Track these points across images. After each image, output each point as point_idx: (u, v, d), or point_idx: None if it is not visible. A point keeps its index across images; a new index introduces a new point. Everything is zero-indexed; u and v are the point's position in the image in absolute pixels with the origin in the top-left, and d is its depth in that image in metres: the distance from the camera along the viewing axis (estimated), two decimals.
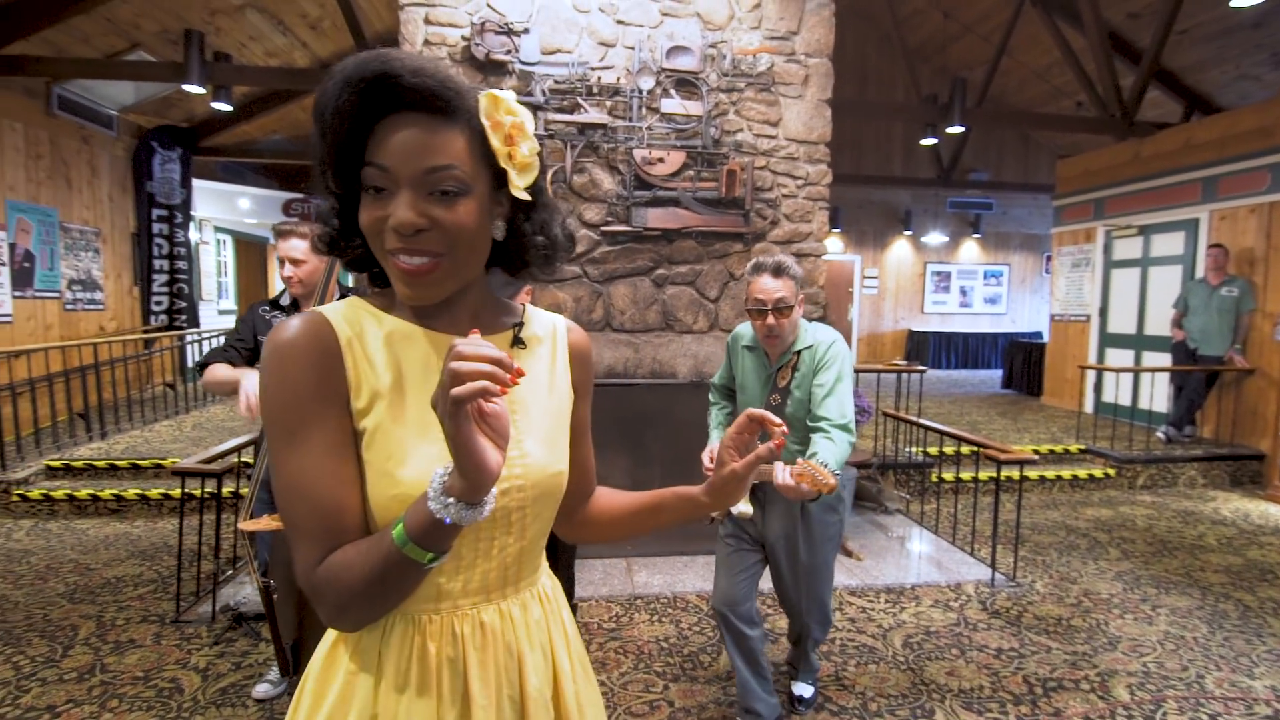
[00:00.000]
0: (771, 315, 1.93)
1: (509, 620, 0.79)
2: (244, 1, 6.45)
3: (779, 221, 3.98)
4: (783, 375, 2.02)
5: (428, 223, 0.67)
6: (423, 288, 0.70)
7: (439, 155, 0.67)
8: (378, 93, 0.65)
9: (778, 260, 1.95)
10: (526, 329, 0.84)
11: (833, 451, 1.81)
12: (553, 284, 3.82)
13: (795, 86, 3.91)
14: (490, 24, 3.59)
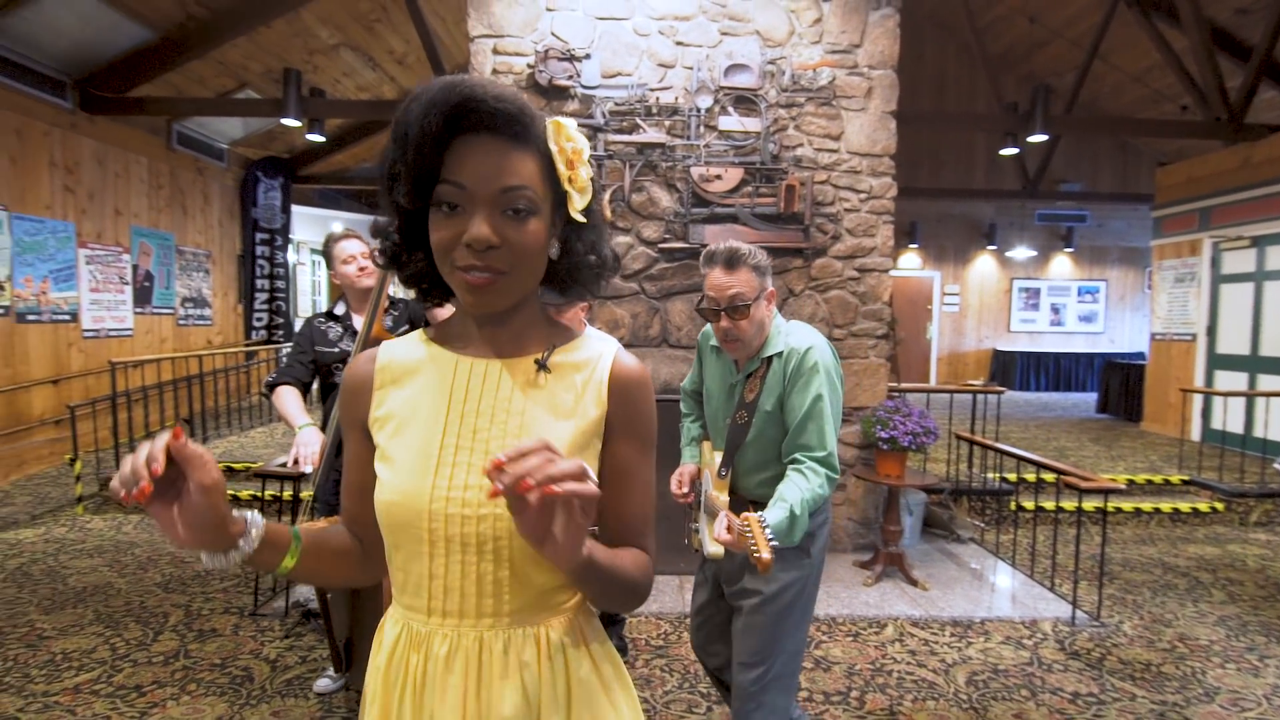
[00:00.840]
0: (725, 316, 1.60)
1: (487, 651, 0.77)
2: (338, 41, 6.98)
3: (840, 236, 3.90)
4: (750, 388, 1.67)
5: (499, 240, 0.71)
6: (486, 298, 0.73)
7: (514, 176, 0.71)
8: (460, 116, 0.69)
9: (730, 248, 1.61)
10: (563, 355, 0.82)
11: (799, 495, 1.50)
12: (611, 300, 3.88)
13: (858, 99, 3.84)
14: (554, 51, 3.72)
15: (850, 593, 3.39)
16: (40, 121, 5.52)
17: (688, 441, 2.02)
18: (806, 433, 1.58)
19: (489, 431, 0.78)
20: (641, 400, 0.83)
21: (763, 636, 1.65)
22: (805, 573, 1.68)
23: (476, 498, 0.75)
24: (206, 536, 0.66)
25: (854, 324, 3.93)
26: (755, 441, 1.68)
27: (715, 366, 1.83)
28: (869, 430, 3.58)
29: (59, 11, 5.02)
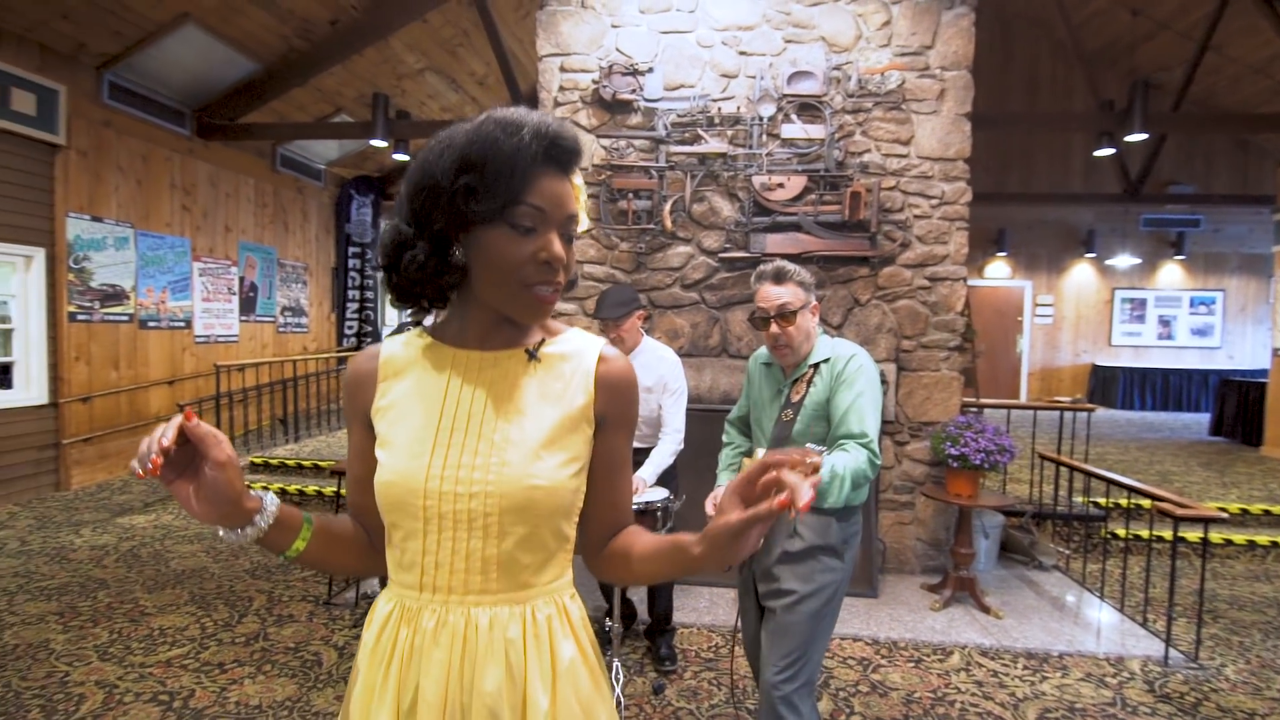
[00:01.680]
0: (775, 323, 1.79)
1: (473, 627, 0.80)
2: (423, 65, 7.38)
3: (910, 244, 3.76)
4: (797, 389, 1.83)
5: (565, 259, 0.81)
6: (546, 310, 0.83)
7: (574, 204, 0.82)
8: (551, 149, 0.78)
9: (778, 265, 1.81)
10: (550, 347, 0.88)
11: (846, 461, 1.64)
12: (670, 310, 3.90)
13: (929, 102, 3.70)
14: (617, 66, 3.80)
15: (915, 616, 3.23)
16: (163, 148, 6.13)
17: (724, 467, 2.08)
18: (849, 422, 1.71)
19: (483, 415, 0.83)
20: (627, 396, 0.90)
21: (798, 637, 1.72)
22: (839, 576, 1.78)
23: (469, 476, 0.79)
24: (223, 510, 0.72)
25: (924, 335, 3.77)
26: (800, 436, 1.80)
27: (764, 381, 1.97)
28: (938, 447, 3.42)
29: (180, 49, 5.57)
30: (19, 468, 5.00)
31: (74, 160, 5.26)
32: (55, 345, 5.23)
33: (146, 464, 0.65)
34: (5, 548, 3.97)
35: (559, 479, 0.81)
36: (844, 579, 1.79)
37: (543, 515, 0.81)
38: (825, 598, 1.75)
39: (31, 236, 5.02)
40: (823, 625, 1.76)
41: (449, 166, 0.77)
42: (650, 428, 2.80)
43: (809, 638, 1.73)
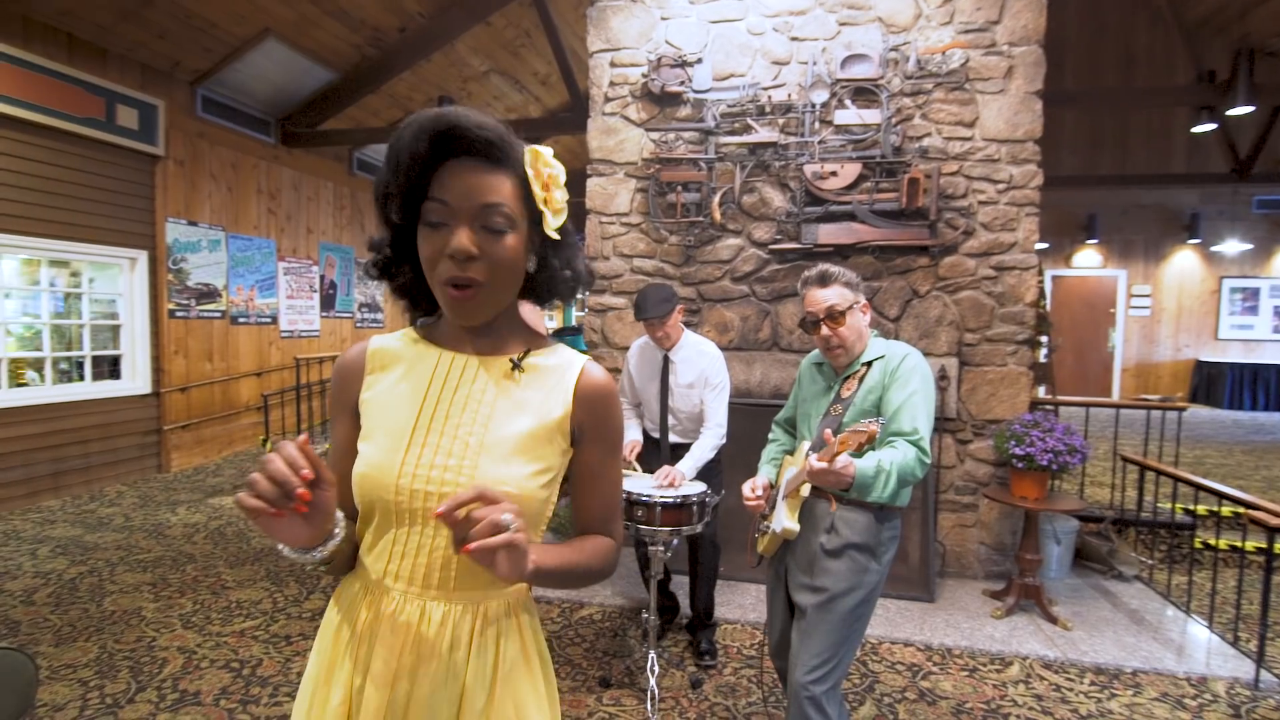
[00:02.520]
0: (824, 324, 1.79)
1: (426, 620, 0.82)
2: (488, 67, 7.58)
3: (974, 232, 3.57)
4: (847, 386, 1.81)
5: (479, 251, 0.79)
6: (467, 311, 0.81)
7: (493, 194, 0.79)
8: (446, 141, 0.78)
9: (822, 269, 1.83)
10: (535, 358, 0.89)
11: (894, 456, 1.62)
12: (720, 303, 3.86)
13: (996, 81, 3.49)
14: (666, 58, 3.78)
15: (973, 623, 3.07)
16: (250, 156, 6.56)
17: (767, 460, 2.07)
18: (900, 420, 1.69)
19: (460, 418, 0.85)
20: (608, 409, 0.90)
21: (830, 637, 1.70)
22: (874, 578, 1.73)
23: (440, 476, 0.82)
24: (317, 531, 0.74)
25: (989, 328, 3.57)
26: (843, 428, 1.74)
27: (813, 380, 1.96)
28: (1002, 446, 3.23)
29: (263, 62, 5.94)
30: (126, 450, 5.49)
31: (172, 169, 5.72)
32: (157, 340, 5.71)
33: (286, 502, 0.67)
34: (111, 523, 4.38)
35: (527, 487, 0.83)
36: (878, 582, 1.75)
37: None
38: (859, 598, 1.71)
39: (135, 240, 5.49)
40: (855, 627, 1.73)
41: (381, 173, 0.82)
42: (692, 423, 2.78)
43: (840, 638, 1.71)
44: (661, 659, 2.68)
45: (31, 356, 4.97)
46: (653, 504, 2.32)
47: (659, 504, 2.31)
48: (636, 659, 2.67)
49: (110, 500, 4.92)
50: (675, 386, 2.75)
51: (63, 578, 3.43)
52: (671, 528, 2.33)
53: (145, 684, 2.47)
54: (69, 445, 5.01)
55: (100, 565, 3.62)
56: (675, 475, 2.47)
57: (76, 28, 4.86)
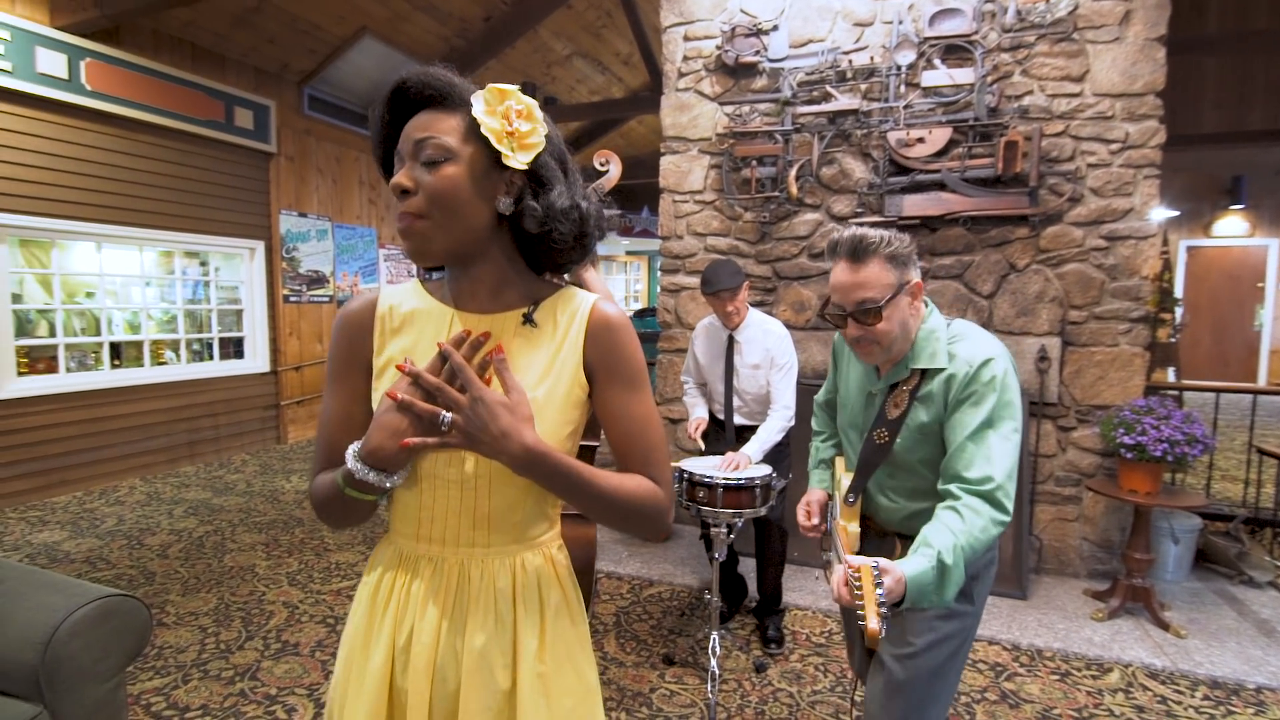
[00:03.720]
0: (853, 323, 1.31)
1: (465, 577, 0.86)
2: (570, 51, 7.64)
3: (1082, 198, 3.24)
4: (894, 401, 1.36)
5: (413, 185, 0.80)
6: (410, 242, 0.82)
7: (426, 130, 0.81)
8: (400, 99, 0.84)
9: (856, 236, 1.30)
10: (545, 310, 0.88)
11: (950, 539, 1.13)
12: (797, 281, 3.73)
13: (1110, 28, 3.13)
14: (741, 28, 3.66)
15: (1070, 624, 2.84)
16: (352, 149, 6.97)
17: (815, 464, 1.75)
18: (968, 458, 1.22)
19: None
20: (620, 343, 0.87)
21: (914, 697, 1.36)
22: (965, 624, 1.37)
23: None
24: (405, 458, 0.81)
25: (1098, 304, 3.25)
26: (901, 465, 1.38)
27: (855, 368, 1.52)
28: (1109, 434, 2.94)
29: (360, 60, 6.27)
30: (249, 423, 6.05)
31: (283, 165, 6.18)
32: (274, 323, 6.23)
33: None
34: (235, 488, 4.85)
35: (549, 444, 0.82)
36: (974, 624, 1.39)
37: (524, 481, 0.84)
38: (950, 650, 1.36)
39: (254, 231, 5.99)
40: (945, 683, 1.39)
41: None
42: (759, 404, 2.72)
43: (926, 697, 1.37)
44: (726, 641, 2.66)
45: (169, 338, 5.56)
46: (714, 485, 2.29)
47: (720, 485, 2.28)
48: (701, 639, 2.67)
49: (235, 468, 5.45)
50: (741, 367, 2.69)
51: (192, 535, 3.84)
52: (733, 510, 2.30)
53: (254, 633, 2.73)
54: (201, 418, 5.58)
55: (224, 525, 4.02)
56: (740, 460, 2.42)
57: (198, 37, 5.31)
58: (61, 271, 4.78)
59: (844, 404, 1.57)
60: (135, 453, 5.07)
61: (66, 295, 4.88)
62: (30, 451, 4.43)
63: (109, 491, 4.70)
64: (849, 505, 1.46)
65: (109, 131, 4.75)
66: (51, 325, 4.75)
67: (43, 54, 4.27)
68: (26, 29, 4.20)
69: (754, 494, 2.31)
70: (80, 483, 4.71)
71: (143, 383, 5.15)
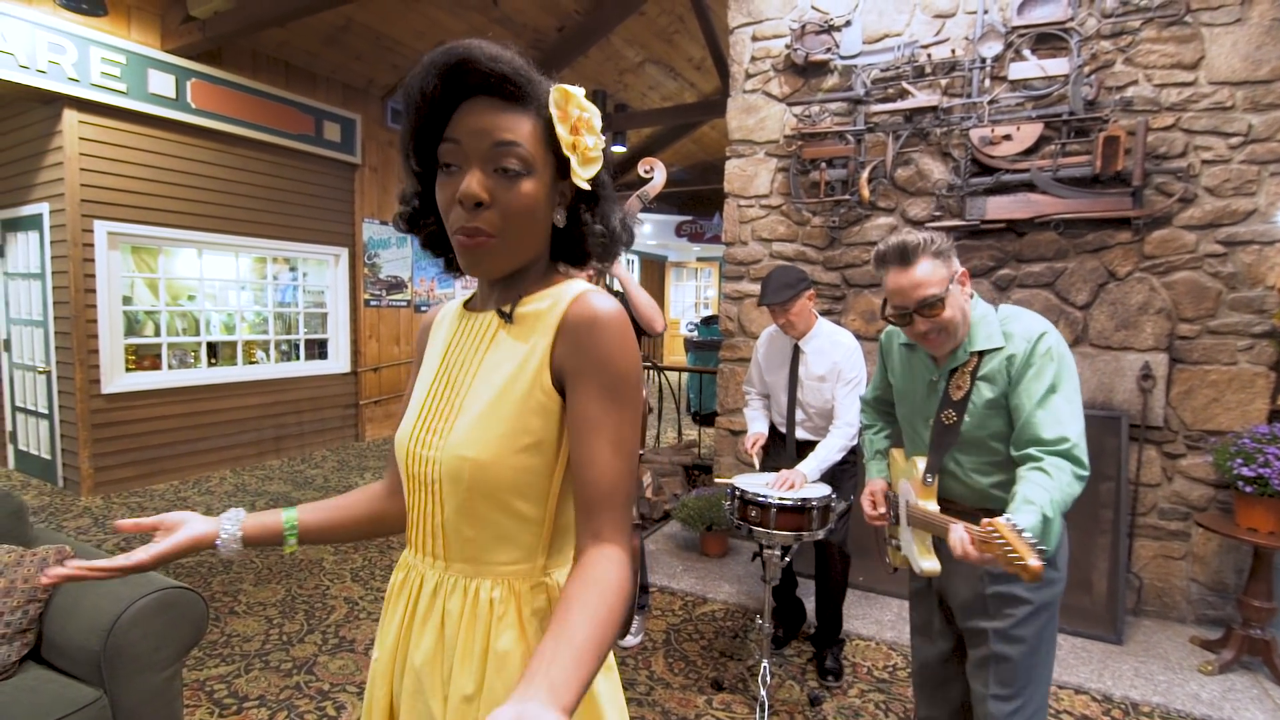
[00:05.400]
0: (918, 319, 1.42)
1: (423, 589, 0.82)
2: (643, 58, 7.64)
3: (1195, 198, 2.91)
4: (957, 383, 1.46)
5: (489, 198, 0.72)
6: (475, 260, 0.75)
7: (506, 132, 0.72)
8: (459, 77, 0.71)
9: (899, 244, 1.41)
10: (532, 304, 0.79)
11: (1045, 495, 1.24)
12: (868, 289, 3.53)
13: (1230, 8, 2.80)
14: (811, 25, 3.52)
15: (1173, 676, 2.53)
16: None
17: (872, 454, 1.84)
18: (1041, 425, 1.34)
19: (455, 379, 0.82)
20: (594, 340, 0.73)
21: (1021, 665, 1.45)
22: (1055, 592, 1.46)
23: (429, 439, 0.80)
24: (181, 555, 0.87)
25: (1213, 317, 2.90)
26: (973, 441, 1.47)
27: (908, 364, 1.63)
28: (1224, 464, 2.61)
29: None
30: (331, 420, 6.35)
31: (367, 175, 6.47)
32: (355, 325, 6.52)
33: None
34: (314, 483, 5.09)
35: (492, 453, 0.74)
36: (1061, 590, 1.48)
37: (477, 489, 0.76)
38: (1046, 618, 1.46)
39: (338, 239, 6.29)
40: (1047, 654, 1.49)
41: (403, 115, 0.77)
42: (822, 419, 2.57)
43: (1034, 663, 1.46)
44: (780, 669, 2.53)
45: (260, 339, 5.92)
46: (768, 505, 2.17)
47: (774, 506, 2.16)
48: (752, 665, 2.54)
49: (316, 463, 5.73)
50: (805, 378, 2.55)
51: None
52: (788, 532, 2.17)
53: (315, 627, 2.82)
54: (287, 415, 5.90)
55: None
56: (795, 478, 2.29)
57: (292, 56, 5.64)
58: (167, 276, 5.18)
59: (903, 397, 1.65)
60: (227, 445, 5.41)
61: (170, 298, 5.28)
62: (134, 442, 4.80)
63: (201, 481, 5.03)
64: (927, 485, 1.50)
65: (210, 146, 5.11)
66: (157, 325, 5.14)
67: (154, 75, 4.64)
68: (140, 53, 4.57)
69: (810, 516, 2.18)
70: (177, 472, 5.07)
71: (236, 380, 5.50)
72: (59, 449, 4.72)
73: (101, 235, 4.54)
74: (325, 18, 5.27)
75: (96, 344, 4.58)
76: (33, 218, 4.64)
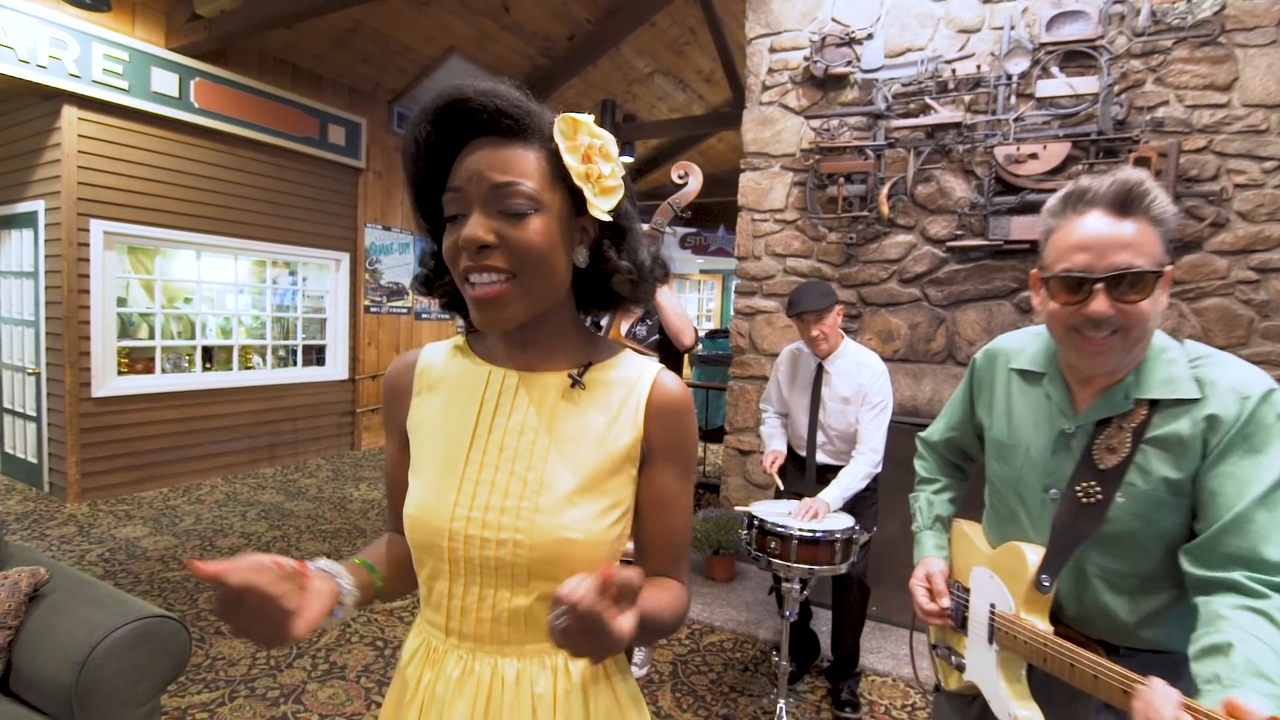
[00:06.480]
0: (1102, 296, 0.91)
1: (499, 680, 0.72)
2: (652, 69, 7.59)
3: (1227, 223, 2.82)
4: (1108, 446, 0.99)
5: (495, 239, 0.66)
6: (492, 311, 0.68)
7: (506, 171, 0.67)
8: (453, 120, 0.67)
9: (1126, 181, 0.91)
10: (601, 372, 0.76)
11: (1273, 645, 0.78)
12: (885, 308, 3.44)
13: (1265, 29, 2.73)
14: (831, 38, 3.44)
15: None
16: None
17: (929, 522, 1.33)
18: (1262, 533, 0.86)
19: (516, 449, 0.73)
20: (684, 426, 0.77)
21: None
22: None
23: (497, 520, 0.70)
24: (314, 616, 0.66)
25: (1245, 345, 2.81)
26: (1123, 538, 0.99)
27: (1025, 402, 1.12)
28: None
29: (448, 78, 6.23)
30: (327, 428, 6.22)
31: (371, 180, 6.38)
32: (354, 332, 6.41)
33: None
34: (307, 493, 4.95)
35: (595, 530, 0.70)
36: None
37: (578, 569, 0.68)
38: None
39: (340, 244, 6.19)
40: None
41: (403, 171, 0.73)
42: (844, 442, 2.46)
43: None
44: (796, 709, 2.40)
45: (257, 344, 5.80)
46: (788, 536, 2.05)
47: (795, 537, 2.05)
48: (765, 703, 2.41)
49: (310, 472, 5.59)
50: (829, 400, 2.44)
51: (260, 540, 3.91)
52: (808, 565, 2.05)
53: (304, 651, 2.68)
54: (282, 421, 5.77)
55: (291, 532, 4.08)
56: (818, 507, 2.17)
57: (298, 58, 5.57)
58: (163, 277, 5.06)
59: (1007, 451, 1.14)
60: (219, 453, 5.28)
61: (166, 300, 5.16)
62: (124, 447, 4.66)
63: (192, 489, 4.90)
64: (1040, 593, 1.03)
65: (212, 147, 5.01)
66: (151, 328, 5.02)
67: (157, 73, 4.55)
68: (143, 50, 4.49)
69: (833, 549, 2.06)
70: (167, 479, 4.93)
71: (230, 385, 5.37)
72: (46, 453, 4.59)
73: (97, 235, 4.43)
74: (333, 20, 5.20)
75: (88, 346, 4.46)
76: (27, 215, 4.53)
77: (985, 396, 1.21)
